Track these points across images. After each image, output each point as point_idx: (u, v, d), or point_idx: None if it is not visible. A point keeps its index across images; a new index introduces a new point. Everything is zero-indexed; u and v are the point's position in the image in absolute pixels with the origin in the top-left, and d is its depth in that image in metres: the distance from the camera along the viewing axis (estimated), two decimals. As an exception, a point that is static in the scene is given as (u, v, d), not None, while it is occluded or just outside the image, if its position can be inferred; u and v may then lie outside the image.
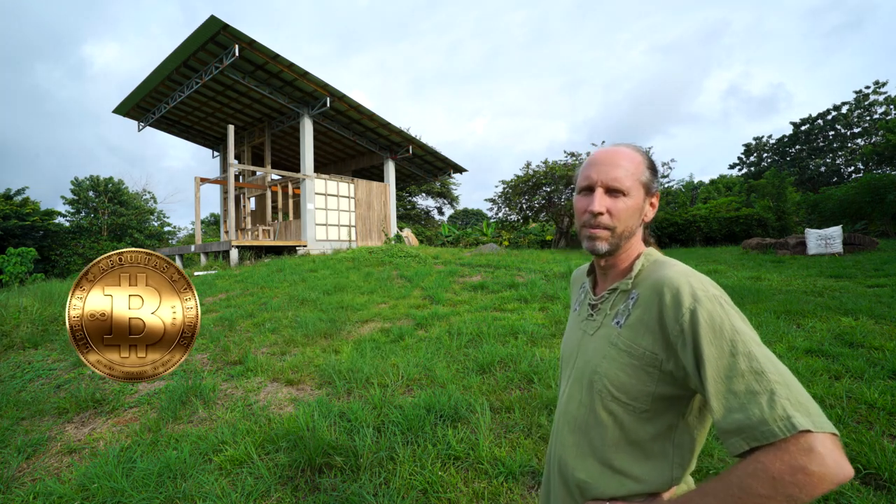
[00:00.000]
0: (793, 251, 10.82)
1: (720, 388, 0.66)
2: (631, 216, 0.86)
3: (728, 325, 0.69)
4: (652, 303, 0.79)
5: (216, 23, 11.76)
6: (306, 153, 15.91)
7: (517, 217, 20.28)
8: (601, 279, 0.97)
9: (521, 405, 2.93)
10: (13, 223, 21.78)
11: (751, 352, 0.66)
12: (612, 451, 0.83)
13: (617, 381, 0.82)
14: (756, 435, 0.61)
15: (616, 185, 0.85)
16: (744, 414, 0.63)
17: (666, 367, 0.76)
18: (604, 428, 0.84)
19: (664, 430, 0.80)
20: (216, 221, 36.18)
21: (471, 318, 5.32)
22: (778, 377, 0.63)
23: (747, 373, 0.65)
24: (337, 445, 2.49)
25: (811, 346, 3.67)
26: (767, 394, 0.62)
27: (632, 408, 0.80)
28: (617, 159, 0.87)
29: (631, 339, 0.81)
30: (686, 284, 0.75)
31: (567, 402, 0.93)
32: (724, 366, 0.67)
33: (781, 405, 0.61)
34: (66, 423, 3.27)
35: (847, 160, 27.05)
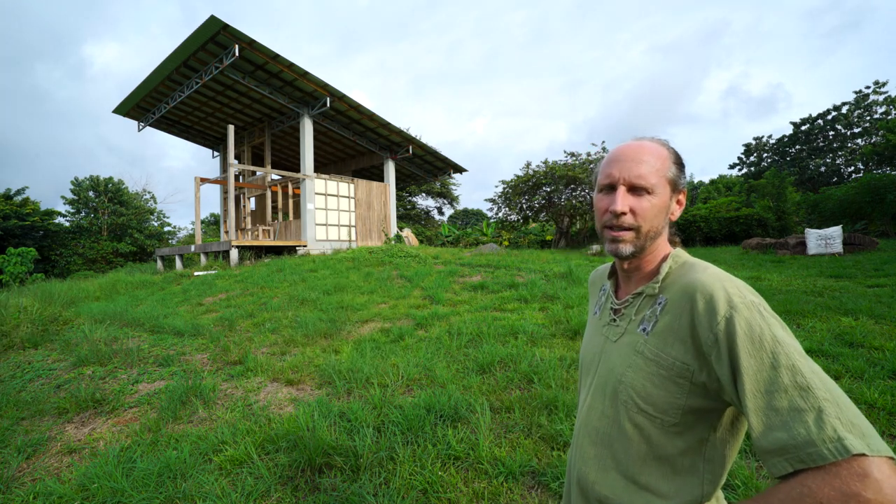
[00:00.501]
0: (793, 251, 10.82)
1: (760, 404, 0.61)
2: (657, 215, 0.81)
3: (769, 334, 0.64)
4: (683, 309, 0.74)
5: (216, 23, 11.76)
6: (306, 153, 15.91)
7: (517, 217, 20.28)
8: (624, 282, 0.92)
9: (521, 405, 2.93)
10: (13, 223, 21.78)
11: (794, 365, 0.61)
12: (638, 466, 0.78)
13: (644, 392, 0.77)
14: (802, 456, 0.56)
15: (640, 182, 0.79)
16: (787, 433, 0.58)
17: (698, 378, 0.71)
18: (629, 441, 0.79)
19: (695, 445, 0.75)
20: (216, 221, 36.19)
21: (471, 318, 5.32)
22: (826, 394, 0.58)
23: (791, 388, 0.59)
24: (337, 445, 2.49)
25: (811, 346, 3.67)
26: (815, 412, 0.57)
27: (660, 421, 0.75)
28: (641, 155, 0.81)
29: (659, 347, 0.76)
30: (721, 290, 0.69)
31: (588, 412, 0.88)
32: (764, 379, 0.62)
33: (831, 425, 0.55)
34: (66, 423, 3.27)
35: (847, 160, 27.05)
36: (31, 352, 5.31)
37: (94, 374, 4.28)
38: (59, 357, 4.94)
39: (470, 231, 23.87)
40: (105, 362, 4.56)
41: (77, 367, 4.50)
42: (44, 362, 4.82)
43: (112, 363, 4.55)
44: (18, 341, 5.53)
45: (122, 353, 4.77)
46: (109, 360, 4.62)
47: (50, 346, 5.51)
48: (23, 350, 5.39)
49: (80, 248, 24.68)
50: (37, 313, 6.40)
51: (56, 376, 4.33)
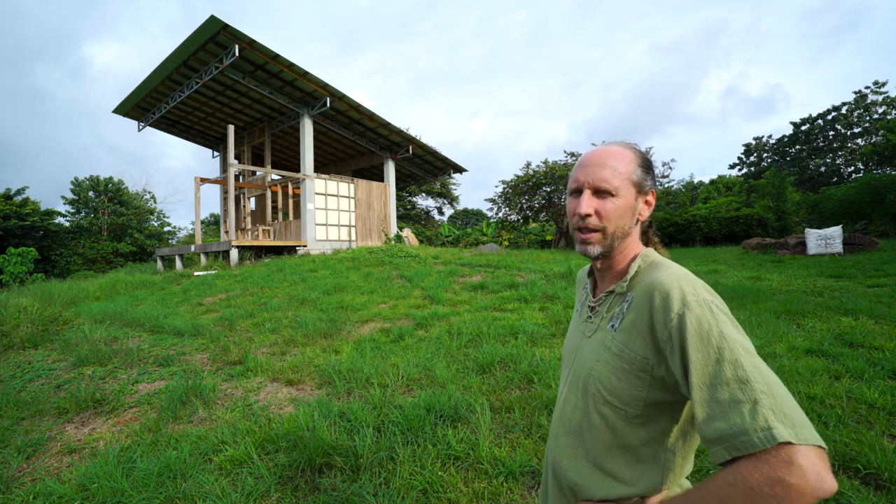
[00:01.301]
0: (793, 251, 10.82)
1: (705, 396, 0.65)
2: (621, 216, 0.85)
3: (716, 331, 0.68)
4: (644, 306, 0.78)
5: (216, 23, 11.76)
6: (306, 153, 15.91)
7: (517, 217, 20.29)
8: (600, 281, 0.96)
9: (521, 405, 2.93)
10: (13, 223, 21.77)
11: (737, 360, 0.65)
12: (604, 455, 0.83)
13: (609, 385, 0.81)
14: (737, 444, 0.60)
15: (604, 185, 0.83)
16: (726, 423, 0.62)
17: (657, 372, 0.76)
18: (596, 431, 0.84)
19: (657, 435, 0.79)
20: (216, 221, 36.19)
21: (471, 318, 5.32)
22: (764, 386, 0.62)
23: (732, 381, 0.63)
24: (337, 445, 2.49)
25: (811, 346, 3.67)
26: (750, 403, 0.61)
27: (623, 412, 0.80)
28: (605, 159, 0.85)
29: (623, 342, 0.80)
30: (677, 288, 0.73)
31: (564, 404, 0.94)
32: (709, 373, 0.66)
33: (763, 415, 0.59)
34: (66, 423, 3.27)
35: (847, 160, 27.05)
36: (31, 352, 5.31)
37: (94, 374, 4.28)
38: (59, 357, 4.94)
39: (470, 231, 23.87)
40: (105, 362, 4.56)
41: (77, 367, 4.50)
42: (44, 362, 4.82)
43: (112, 363, 4.55)
44: (18, 341, 5.53)
45: (122, 353, 4.77)
46: (109, 360, 4.62)
47: (50, 346, 5.51)
48: (23, 350, 5.39)
49: (80, 248, 24.68)
50: (37, 313, 6.40)
51: (56, 376, 4.33)
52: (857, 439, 2.22)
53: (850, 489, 1.90)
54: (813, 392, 2.80)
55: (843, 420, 2.46)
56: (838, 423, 2.43)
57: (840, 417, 2.48)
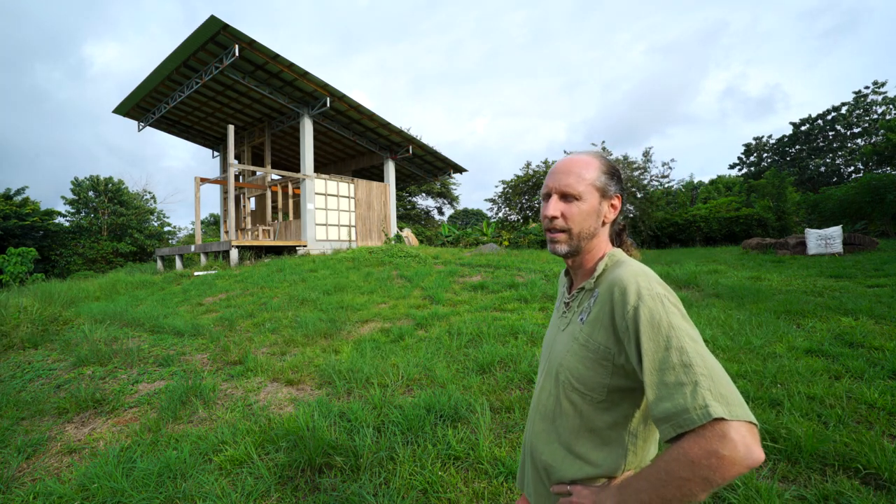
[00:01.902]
0: (793, 251, 10.82)
1: (654, 380, 0.72)
2: (585, 219, 0.93)
3: (665, 321, 0.74)
4: (606, 300, 0.85)
5: (216, 23, 11.76)
6: (306, 153, 15.91)
7: (517, 217, 20.28)
8: (574, 279, 1.04)
9: (521, 405, 2.93)
10: (13, 223, 21.77)
11: (683, 346, 0.71)
12: (574, 438, 0.90)
13: (577, 373, 0.89)
14: (680, 422, 0.66)
15: (568, 190, 0.92)
16: (671, 403, 0.68)
17: (618, 360, 0.82)
18: (566, 416, 0.91)
19: (620, 420, 0.86)
20: (216, 222, 36.19)
21: (471, 318, 5.32)
22: (704, 370, 0.69)
23: (678, 366, 0.70)
24: (337, 445, 2.49)
25: (811, 346, 3.67)
26: (692, 385, 0.67)
27: (589, 398, 0.87)
28: (570, 167, 0.94)
29: (589, 334, 0.88)
30: (633, 283, 0.81)
31: (539, 392, 1.01)
32: (658, 359, 0.72)
33: (702, 395, 0.66)
34: (66, 423, 3.27)
35: (847, 160, 27.04)
36: (31, 352, 5.31)
37: (94, 374, 4.28)
38: (59, 357, 4.94)
39: (470, 231, 23.86)
40: (105, 362, 4.56)
41: (77, 367, 4.50)
42: (44, 362, 4.82)
43: (112, 363, 4.55)
44: (18, 341, 5.53)
45: (122, 353, 4.76)
46: (109, 360, 4.62)
47: (50, 346, 5.51)
48: (23, 350, 5.39)
49: (80, 248, 24.67)
50: (37, 313, 6.40)
51: (56, 376, 4.33)
52: (857, 439, 2.22)
53: (850, 489, 1.90)
54: (813, 392, 2.80)
55: (843, 420, 2.46)
56: (838, 423, 2.43)
57: (840, 417, 2.48)
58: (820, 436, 2.28)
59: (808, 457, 2.14)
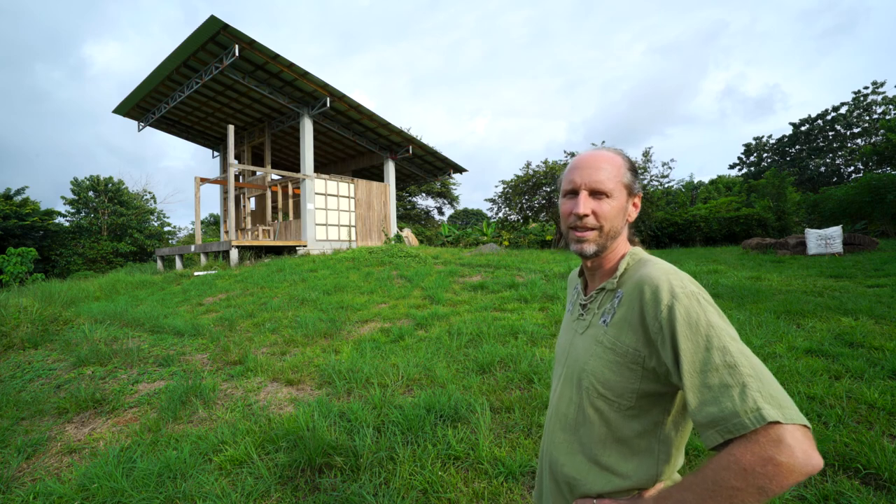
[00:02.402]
0: (793, 251, 10.82)
1: (695, 382, 0.68)
2: (616, 216, 0.89)
3: (704, 320, 0.71)
4: (634, 301, 0.81)
5: (216, 23, 11.76)
6: (306, 153, 15.91)
7: (517, 217, 20.26)
8: (590, 280, 1.00)
9: (521, 405, 2.93)
10: (13, 223, 21.77)
11: (725, 346, 0.67)
12: (600, 448, 0.84)
13: (602, 378, 0.84)
14: (728, 427, 0.62)
15: (599, 187, 0.87)
16: (717, 407, 0.64)
17: (648, 363, 0.78)
18: (591, 425, 0.86)
19: (650, 427, 0.81)
20: (216, 222, 36.18)
21: (471, 318, 5.32)
22: (751, 370, 0.65)
23: (721, 367, 0.66)
24: (337, 445, 2.49)
25: (811, 346, 3.66)
26: (739, 387, 0.63)
27: (617, 405, 0.82)
28: (598, 162, 0.89)
29: (615, 336, 0.83)
30: (665, 282, 0.76)
31: (558, 400, 0.96)
32: (699, 360, 0.68)
33: (752, 398, 0.62)
34: (66, 423, 3.27)
35: (847, 160, 27.06)
36: (31, 352, 5.31)
37: (94, 374, 4.28)
38: (59, 357, 4.94)
39: (470, 231, 23.86)
40: (105, 362, 4.56)
41: (77, 367, 4.50)
42: (44, 362, 4.82)
43: (112, 363, 4.55)
44: (18, 341, 5.53)
45: (122, 353, 4.76)
46: (109, 360, 4.61)
47: (50, 346, 5.51)
48: (23, 350, 5.39)
49: (80, 248, 24.67)
50: (37, 313, 6.40)
51: (56, 376, 4.33)
52: (857, 439, 2.22)
53: (850, 489, 1.90)
54: (813, 392, 2.80)
55: (843, 420, 2.46)
56: (838, 423, 2.43)
57: (840, 417, 2.48)
58: (820, 436, 2.28)
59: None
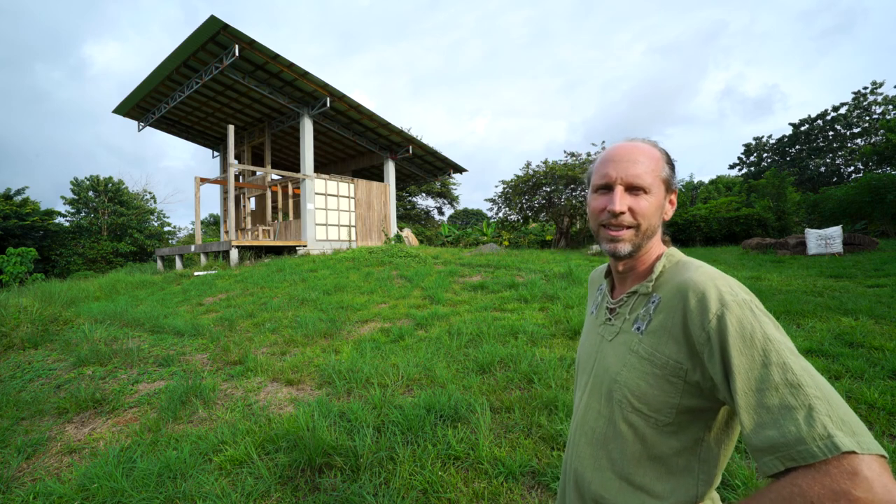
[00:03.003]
0: (793, 251, 10.82)
1: (751, 402, 0.61)
2: (654, 214, 0.82)
3: (760, 332, 0.64)
4: (675, 308, 0.74)
5: (216, 23, 11.76)
6: (306, 153, 15.91)
7: (517, 217, 20.26)
8: (619, 282, 0.92)
9: (521, 405, 2.93)
10: (13, 223, 21.77)
11: (785, 363, 0.60)
12: (633, 466, 0.78)
13: (638, 391, 0.77)
14: (792, 454, 0.55)
15: (637, 182, 0.80)
16: (778, 431, 0.57)
17: (691, 377, 0.71)
18: (624, 441, 0.79)
19: (690, 445, 0.74)
20: (216, 221, 36.18)
21: (471, 318, 5.32)
22: (817, 391, 0.57)
23: (782, 385, 0.59)
24: (337, 445, 2.49)
25: (811, 346, 3.67)
26: (805, 409, 0.56)
27: (654, 420, 0.75)
28: (636, 155, 0.82)
29: (653, 346, 0.76)
30: (713, 288, 0.69)
31: (585, 412, 0.89)
32: (755, 377, 0.61)
33: (821, 422, 0.54)
34: (66, 423, 3.27)
35: (847, 160, 27.07)
36: (31, 352, 5.31)
37: (94, 374, 4.28)
38: (59, 357, 4.94)
39: (470, 231, 23.86)
40: (105, 362, 4.56)
41: (77, 367, 4.50)
42: (44, 362, 4.82)
43: (112, 363, 4.55)
44: (18, 341, 5.53)
45: (122, 353, 4.76)
46: (109, 360, 4.61)
47: (50, 346, 5.51)
48: (23, 350, 5.39)
49: (80, 248, 24.67)
50: (37, 313, 6.40)
51: (56, 376, 4.33)
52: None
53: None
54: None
55: (843, 420, 2.46)
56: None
57: (840, 417, 2.48)
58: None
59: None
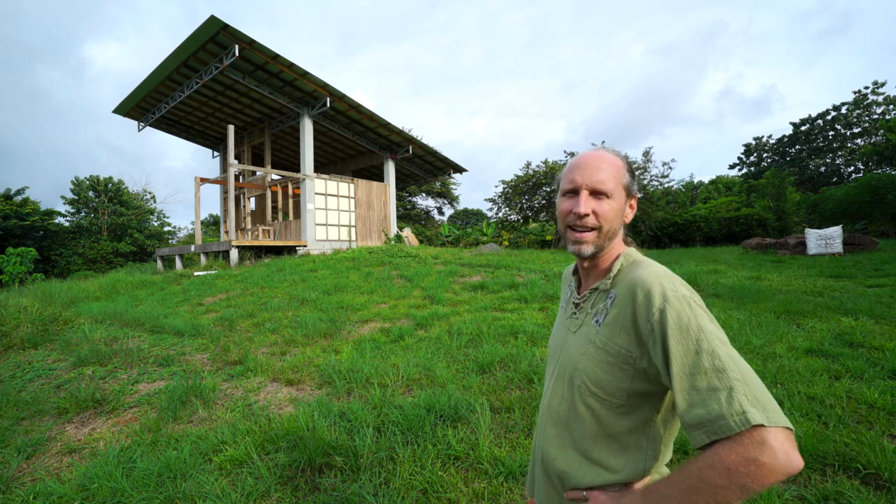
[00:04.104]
0: (793, 251, 10.82)
1: (685, 385, 0.70)
2: (615, 217, 0.90)
3: (695, 324, 0.72)
4: (627, 302, 0.82)
5: (216, 23, 11.76)
6: (306, 153, 15.90)
7: (517, 217, 20.26)
8: (584, 279, 1.01)
9: (521, 405, 2.93)
10: (13, 223, 21.76)
11: (714, 350, 0.69)
12: (591, 444, 0.87)
13: (594, 377, 0.85)
14: (715, 429, 0.64)
15: (600, 187, 0.88)
16: (705, 409, 0.66)
17: (640, 364, 0.80)
18: (582, 421, 0.88)
19: (640, 424, 0.84)
20: (216, 221, 36.17)
21: (471, 318, 5.32)
22: (738, 374, 0.67)
23: (710, 370, 0.68)
24: (337, 445, 2.49)
25: (811, 346, 3.67)
26: (727, 390, 0.65)
27: (608, 403, 0.84)
28: (599, 163, 0.90)
29: (608, 336, 0.85)
30: (658, 285, 0.78)
31: (550, 396, 0.98)
32: (689, 363, 0.70)
33: (739, 401, 0.64)
34: (66, 423, 3.27)
35: (847, 160, 27.06)
36: (31, 352, 5.31)
37: (94, 374, 4.28)
38: (59, 357, 4.94)
39: (470, 231, 23.86)
40: (105, 362, 4.56)
41: (77, 367, 4.50)
42: (44, 362, 4.82)
43: (112, 363, 4.55)
44: (18, 341, 5.53)
45: (122, 353, 4.76)
46: (109, 360, 4.61)
47: (50, 346, 5.51)
48: (23, 350, 5.39)
49: (80, 248, 24.67)
50: (37, 313, 6.39)
51: (56, 376, 4.33)
52: (857, 439, 2.22)
53: (850, 489, 1.90)
54: (813, 392, 2.80)
55: (843, 420, 2.46)
56: (838, 423, 2.43)
57: (840, 417, 2.48)
58: (820, 436, 2.28)
59: (809, 457, 2.14)
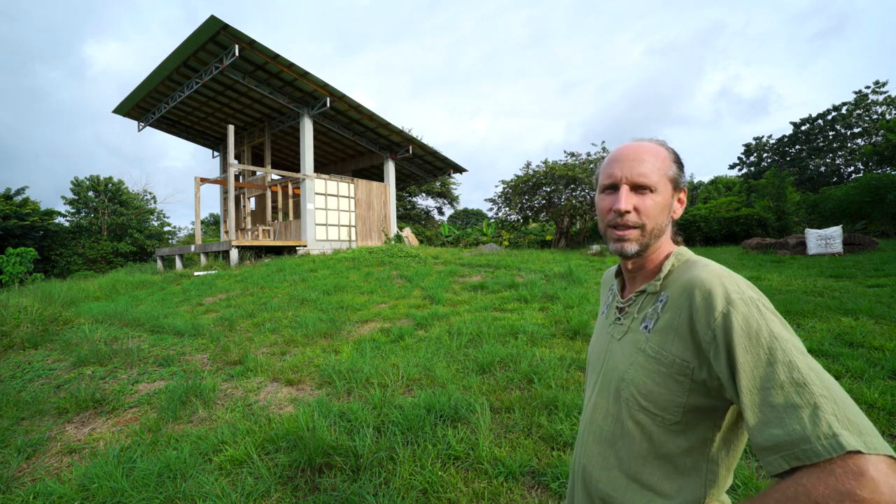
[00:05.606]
0: (793, 251, 10.82)
1: (756, 400, 0.60)
2: (660, 213, 0.82)
3: (766, 330, 0.63)
4: (682, 306, 0.73)
5: (216, 23, 11.76)
6: (306, 153, 15.91)
7: (517, 217, 20.26)
8: (629, 281, 0.92)
9: (521, 405, 2.93)
10: (13, 223, 21.77)
11: (791, 361, 0.59)
12: (640, 465, 0.78)
13: (645, 390, 0.76)
14: (797, 454, 0.54)
15: (642, 181, 0.80)
16: (783, 429, 0.56)
17: (698, 375, 0.71)
18: (631, 439, 0.79)
19: (697, 444, 0.74)
20: (216, 221, 36.19)
21: (471, 318, 5.32)
22: (823, 390, 0.56)
23: (787, 384, 0.58)
24: (337, 445, 2.49)
25: (811, 346, 3.67)
26: (810, 408, 0.55)
27: (661, 419, 0.75)
28: (641, 154, 0.82)
29: (660, 344, 0.76)
30: (719, 286, 0.69)
31: (593, 410, 0.89)
32: (760, 375, 0.61)
33: (827, 421, 0.54)
34: (66, 423, 3.27)
35: (847, 160, 27.06)
36: (31, 352, 5.31)
37: (94, 374, 4.28)
38: (59, 357, 4.94)
39: (470, 231, 23.87)
40: (105, 362, 4.56)
41: (77, 367, 4.50)
42: (44, 362, 4.82)
43: (112, 363, 4.55)
44: (18, 341, 5.53)
45: (122, 353, 4.76)
46: (109, 360, 4.61)
47: (50, 346, 5.51)
48: (23, 350, 5.39)
49: (80, 248, 24.67)
50: (37, 313, 6.39)
51: (56, 376, 4.33)
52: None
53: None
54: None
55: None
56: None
57: (840, 417, 2.48)
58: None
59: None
